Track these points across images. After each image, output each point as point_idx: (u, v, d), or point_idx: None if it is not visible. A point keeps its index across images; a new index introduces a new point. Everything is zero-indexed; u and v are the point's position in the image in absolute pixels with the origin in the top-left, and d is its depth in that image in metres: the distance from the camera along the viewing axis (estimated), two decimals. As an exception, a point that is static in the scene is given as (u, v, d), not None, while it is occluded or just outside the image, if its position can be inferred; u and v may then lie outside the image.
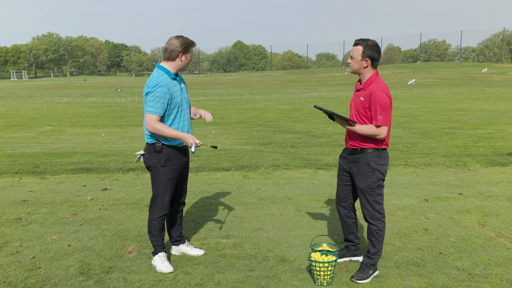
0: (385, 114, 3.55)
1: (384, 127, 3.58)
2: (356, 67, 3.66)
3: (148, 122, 3.71)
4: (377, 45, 3.63)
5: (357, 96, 3.73)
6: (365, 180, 3.72)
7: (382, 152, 3.73)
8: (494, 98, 23.88)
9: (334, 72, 75.41)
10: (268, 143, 10.58)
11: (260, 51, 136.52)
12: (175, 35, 3.83)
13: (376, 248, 3.78)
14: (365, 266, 3.74)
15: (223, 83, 53.72)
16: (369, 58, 3.61)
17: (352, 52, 3.67)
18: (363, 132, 3.61)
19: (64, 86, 55.25)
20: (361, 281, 3.62)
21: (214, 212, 5.50)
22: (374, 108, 3.56)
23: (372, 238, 3.79)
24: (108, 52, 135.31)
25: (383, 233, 3.78)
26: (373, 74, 3.67)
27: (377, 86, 3.59)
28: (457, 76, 53.60)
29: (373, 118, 3.58)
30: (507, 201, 5.85)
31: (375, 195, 3.74)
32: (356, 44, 3.65)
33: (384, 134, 3.60)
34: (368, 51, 3.59)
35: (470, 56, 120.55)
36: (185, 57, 3.81)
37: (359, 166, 3.73)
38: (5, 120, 16.14)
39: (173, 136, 3.74)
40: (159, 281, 3.69)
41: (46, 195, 6.24)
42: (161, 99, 3.68)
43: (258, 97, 28.13)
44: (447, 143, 10.37)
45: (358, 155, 3.74)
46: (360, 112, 3.67)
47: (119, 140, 11.45)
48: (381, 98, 3.54)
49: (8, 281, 3.68)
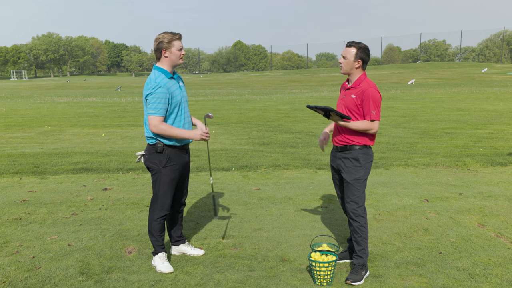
0: (378, 109, 3.74)
1: (377, 121, 3.75)
2: (348, 67, 3.82)
3: (152, 124, 3.70)
4: (368, 49, 3.85)
5: (346, 94, 3.87)
6: (353, 174, 3.81)
7: (369, 149, 3.86)
8: (494, 98, 23.88)
9: (334, 72, 75.40)
10: (268, 143, 10.58)
11: (260, 51, 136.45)
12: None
13: (362, 246, 3.80)
14: (358, 267, 3.75)
15: (223, 83, 53.72)
16: (361, 60, 3.79)
17: (345, 53, 3.81)
18: (357, 127, 3.73)
19: (64, 86, 55.25)
20: (356, 283, 3.63)
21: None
22: (368, 104, 3.72)
23: (356, 236, 3.83)
24: (108, 52, 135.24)
25: (366, 229, 3.83)
26: (362, 75, 3.86)
27: (368, 84, 3.78)
28: (457, 76, 53.60)
29: (366, 113, 3.73)
30: (507, 201, 5.85)
31: (360, 190, 3.81)
32: (349, 46, 3.81)
33: (377, 129, 3.77)
34: (360, 53, 3.77)
35: (470, 56, 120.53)
36: (169, 52, 3.76)
37: (348, 162, 3.83)
38: (5, 120, 16.14)
39: (181, 136, 3.74)
40: (159, 281, 3.69)
41: (46, 195, 6.24)
42: (162, 99, 3.68)
43: (258, 97, 28.13)
44: (447, 143, 10.37)
45: (347, 152, 3.84)
46: (351, 109, 3.80)
47: (119, 140, 11.45)
48: (374, 95, 3.72)
49: (8, 281, 3.68)
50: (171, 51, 3.76)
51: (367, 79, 3.83)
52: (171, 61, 3.80)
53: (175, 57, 3.79)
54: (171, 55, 3.77)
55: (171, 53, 3.77)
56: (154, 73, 3.78)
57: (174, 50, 3.77)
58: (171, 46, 3.75)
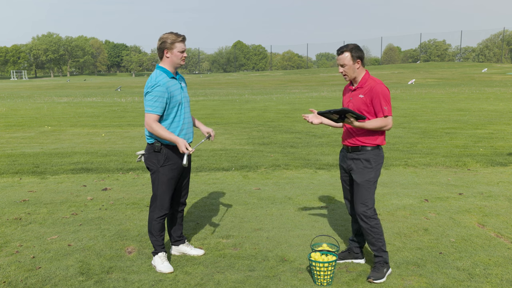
0: (389, 104, 3.70)
1: (390, 117, 3.71)
2: (351, 72, 3.76)
3: (147, 121, 3.75)
4: (358, 45, 3.78)
5: (353, 96, 3.81)
6: (364, 175, 3.77)
7: (380, 150, 3.82)
8: (494, 98, 23.88)
9: (334, 72, 75.39)
10: (268, 143, 10.58)
11: (260, 51, 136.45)
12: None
13: (376, 246, 3.77)
14: (378, 265, 3.73)
15: (223, 83, 53.72)
16: (359, 59, 3.74)
17: (341, 61, 3.74)
18: (372, 126, 3.67)
19: (64, 86, 55.26)
20: (378, 281, 3.62)
21: (214, 212, 5.50)
22: (378, 101, 3.67)
23: (369, 237, 3.79)
24: (108, 52, 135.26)
25: (378, 230, 3.77)
26: (365, 73, 3.81)
27: (374, 81, 3.74)
28: (457, 76, 53.59)
29: (378, 110, 3.69)
30: (507, 201, 5.85)
31: (370, 192, 3.77)
32: (341, 53, 3.73)
33: (391, 124, 3.73)
34: (355, 53, 3.72)
35: (470, 56, 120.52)
36: (171, 53, 3.78)
37: (359, 163, 3.78)
38: (5, 120, 16.14)
39: (167, 139, 3.75)
40: (159, 281, 3.69)
41: (46, 195, 6.24)
42: (159, 98, 3.70)
43: (258, 97, 28.13)
44: (447, 143, 10.37)
45: (359, 153, 3.79)
46: (360, 108, 3.73)
47: (119, 140, 11.45)
48: (383, 90, 3.69)
49: (8, 281, 3.68)
50: (173, 53, 3.78)
51: (371, 76, 3.79)
52: (172, 62, 3.82)
53: (176, 58, 3.80)
54: (172, 56, 3.79)
55: (172, 54, 3.78)
56: (155, 72, 3.82)
57: (175, 52, 3.78)
58: (173, 47, 3.77)
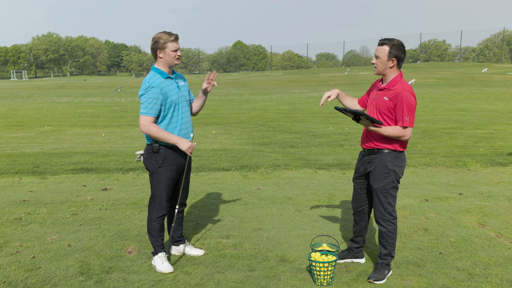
0: (412, 115, 3.50)
1: (410, 128, 3.53)
2: (382, 67, 3.58)
3: (142, 123, 3.73)
4: (403, 45, 3.57)
5: (379, 95, 3.64)
6: (381, 181, 3.66)
7: (399, 154, 3.66)
8: (494, 98, 23.88)
9: (334, 72, 75.40)
10: (268, 143, 10.58)
11: (260, 51, 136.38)
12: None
13: (387, 250, 3.76)
14: (381, 266, 3.72)
15: (223, 83, 53.71)
16: (395, 58, 3.54)
17: (378, 52, 3.56)
18: (388, 133, 3.52)
19: (64, 86, 55.25)
20: (378, 282, 3.61)
21: (214, 212, 5.50)
22: (401, 109, 3.49)
23: (382, 240, 3.77)
24: (108, 52, 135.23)
25: (394, 235, 3.74)
26: (398, 75, 3.61)
27: (403, 87, 3.54)
28: (457, 76, 53.59)
29: (399, 119, 3.51)
30: (507, 201, 5.85)
31: (388, 197, 3.68)
32: (382, 44, 3.55)
33: (409, 136, 3.56)
34: (394, 51, 3.52)
35: (470, 56, 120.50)
36: (164, 53, 3.75)
37: (376, 167, 3.67)
38: (5, 120, 16.14)
39: (167, 140, 3.74)
40: (159, 281, 3.69)
41: (46, 195, 6.24)
42: (153, 99, 3.69)
43: (258, 97, 28.13)
44: (447, 143, 10.37)
45: (375, 155, 3.68)
46: (382, 112, 3.59)
47: (119, 140, 11.45)
48: (408, 99, 3.49)
49: (8, 281, 3.68)
50: (165, 52, 3.75)
51: (403, 80, 3.59)
52: (166, 61, 3.79)
53: (170, 58, 3.78)
54: (165, 56, 3.77)
55: (165, 54, 3.76)
56: (150, 74, 3.82)
57: (168, 52, 3.75)
58: (166, 47, 3.74)
